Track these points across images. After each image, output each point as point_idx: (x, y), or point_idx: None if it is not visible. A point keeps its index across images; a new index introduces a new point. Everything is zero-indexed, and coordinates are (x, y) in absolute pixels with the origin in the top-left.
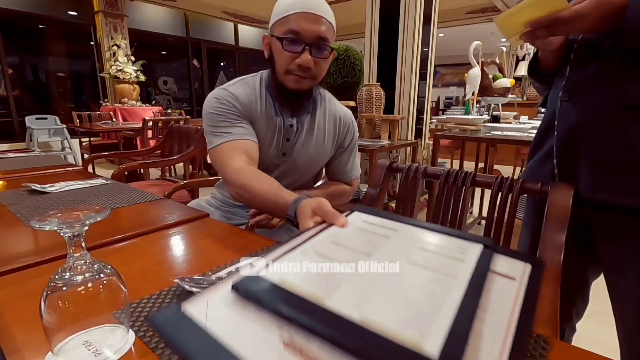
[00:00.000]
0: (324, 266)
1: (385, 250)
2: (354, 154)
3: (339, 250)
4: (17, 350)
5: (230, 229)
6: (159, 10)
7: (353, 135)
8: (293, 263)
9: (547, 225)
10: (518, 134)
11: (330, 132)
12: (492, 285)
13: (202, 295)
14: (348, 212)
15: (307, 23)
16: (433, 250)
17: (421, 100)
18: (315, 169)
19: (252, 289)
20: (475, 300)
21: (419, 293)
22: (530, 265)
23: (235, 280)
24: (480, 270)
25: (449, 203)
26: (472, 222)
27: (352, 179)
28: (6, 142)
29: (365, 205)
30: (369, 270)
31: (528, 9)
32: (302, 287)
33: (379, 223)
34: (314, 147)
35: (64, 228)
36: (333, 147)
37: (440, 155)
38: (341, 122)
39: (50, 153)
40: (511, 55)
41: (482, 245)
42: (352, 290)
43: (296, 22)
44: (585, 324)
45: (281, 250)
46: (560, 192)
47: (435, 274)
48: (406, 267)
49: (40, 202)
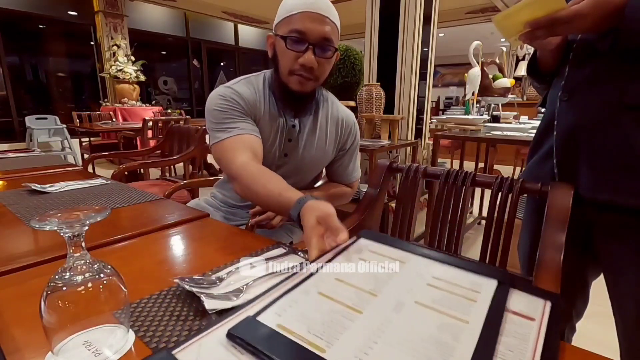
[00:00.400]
0: (326, 309)
1: (392, 288)
2: (355, 156)
3: (342, 288)
4: (17, 350)
5: (230, 229)
6: (159, 10)
7: (355, 137)
8: (293, 305)
9: (547, 225)
10: (518, 134)
11: (332, 134)
12: (509, 327)
13: (195, 341)
14: (354, 238)
15: (311, 23)
16: (443, 288)
17: (421, 100)
18: (317, 171)
19: (249, 336)
20: (490, 349)
21: (427, 343)
22: (550, 303)
23: (230, 327)
24: (495, 311)
25: (449, 203)
26: (472, 222)
27: (352, 181)
28: (6, 142)
29: (372, 231)
30: (373, 314)
31: (527, 9)
32: (301, 334)
33: (387, 253)
34: (316, 149)
35: (64, 228)
36: (335, 149)
37: (440, 155)
38: (343, 124)
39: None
40: (511, 55)
41: (497, 282)
42: (355, 338)
43: (301, 21)
44: (585, 324)
45: (282, 289)
46: (560, 192)
47: (445, 318)
48: (414, 309)
49: (40, 202)
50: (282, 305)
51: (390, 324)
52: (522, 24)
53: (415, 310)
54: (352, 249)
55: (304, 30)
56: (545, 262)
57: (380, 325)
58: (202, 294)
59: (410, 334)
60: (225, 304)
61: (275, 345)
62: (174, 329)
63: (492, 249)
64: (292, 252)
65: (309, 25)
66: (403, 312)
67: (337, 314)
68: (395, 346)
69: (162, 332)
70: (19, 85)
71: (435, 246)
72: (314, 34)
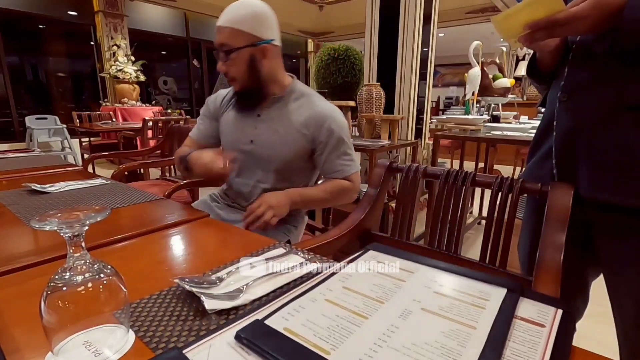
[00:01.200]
0: (332, 315)
1: (399, 296)
2: (343, 150)
3: (350, 296)
4: (17, 350)
5: (230, 229)
6: (159, 10)
7: (331, 131)
8: (300, 310)
9: (547, 225)
10: (518, 134)
11: (301, 124)
12: (517, 333)
13: (205, 341)
14: (361, 251)
15: (216, 37)
16: (451, 296)
17: (421, 100)
18: (280, 156)
19: (256, 337)
20: (497, 354)
21: (433, 347)
22: (562, 311)
23: (239, 329)
24: (503, 317)
25: (449, 203)
26: (472, 222)
27: (348, 175)
28: (6, 142)
29: (381, 245)
30: (379, 320)
31: (526, 10)
32: (307, 337)
33: (395, 264)
34: (278, 135)
35: (64, 228)
36: (304, 140)
37: (440, 155)
38: (315, 117)
39: (50, 153)
40: (511, 55)
41: (506, 290)
42: (360, 342)
43: None
44: (585, 324)
45: (290, 296)
46: (560, 192)
47: (452, 324)
48: (420, 316)
49: (40, 202)
50: (290, 311)
51: (396, 329)
52: (521, 26)
53: (422, 317)
54: (361, 259)
55: (215, 45)
56: (545, 262)
57: (386, 330)
58: (202, 294)
59: (416, 339)
60: (225, 304)
61: (281, 347)
62: (174, 329)
63: (492, 249)
64: (292, 252)
65: (216, 39)
66: (410, 319)
67: (343, 320)
68: (401, 350)
69: (162, 332)
70: (19, 85)
71: (435, 246)
72: (216, 45)
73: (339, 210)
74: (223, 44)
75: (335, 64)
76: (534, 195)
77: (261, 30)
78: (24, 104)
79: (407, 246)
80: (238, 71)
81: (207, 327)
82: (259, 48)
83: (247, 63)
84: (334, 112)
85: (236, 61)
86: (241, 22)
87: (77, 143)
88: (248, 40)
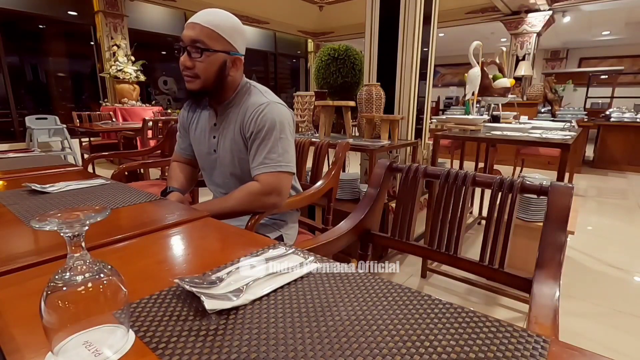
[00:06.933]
0: None
1: None
2: (263, 145)
3: None
4: (17, 350)
5: (230, 229)
6: (158, 10)
7: (258, 124)
8: None
9: (547, 225)
10: (518, 134)
11: (239, 122)
12: None
13: None
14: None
15: (186, 30)
16: None
17: (421, 100)
18: (240, 162)
19: None
20: None
21: None
22: None
23: None
24: None
25: (449, 203)
26: (472, 222)
27: (256, 174)
28: (6, 142)
29: None
30: None
31: None
32: None
33: None
34: (230, 140)
35: (64, 228)
36: (241, 137)
37: (440, 155)
38: (248, 112)
39: (50, 153)
40: (511, 55)
41: None
42: None
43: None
44: (585, 324)
45: None
46: (561, 192)
47: None
48: None
49: (40, 202)
50: None
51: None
52: None
53: None
54: None
55: (181, 37)
56: (545, 262)
57: None
58: (202, 294)
59: None
60: (225, 304)
61: None
62: (174, 329)
63: (492, 249)
64: (292, 252)
65: (184, 32)
66: None
67: None
68: None
69: (162, 332)
70: (19, 85)
71: (435, 246)
72: (186, 39)
73: (339, 210)
74: (198, 41)
75: (335, 64)
76: (534, 195)
77: (237, 43)
78: (24, 104)
79: (407, 246)
80: (206, 71)
81: (207, 327)
82: (232, 57)
83: (218, 66)
84: (270, 105)
85: (208, 61)
86: (222, 28)
87: (77, 143)
88: (224, 47)
